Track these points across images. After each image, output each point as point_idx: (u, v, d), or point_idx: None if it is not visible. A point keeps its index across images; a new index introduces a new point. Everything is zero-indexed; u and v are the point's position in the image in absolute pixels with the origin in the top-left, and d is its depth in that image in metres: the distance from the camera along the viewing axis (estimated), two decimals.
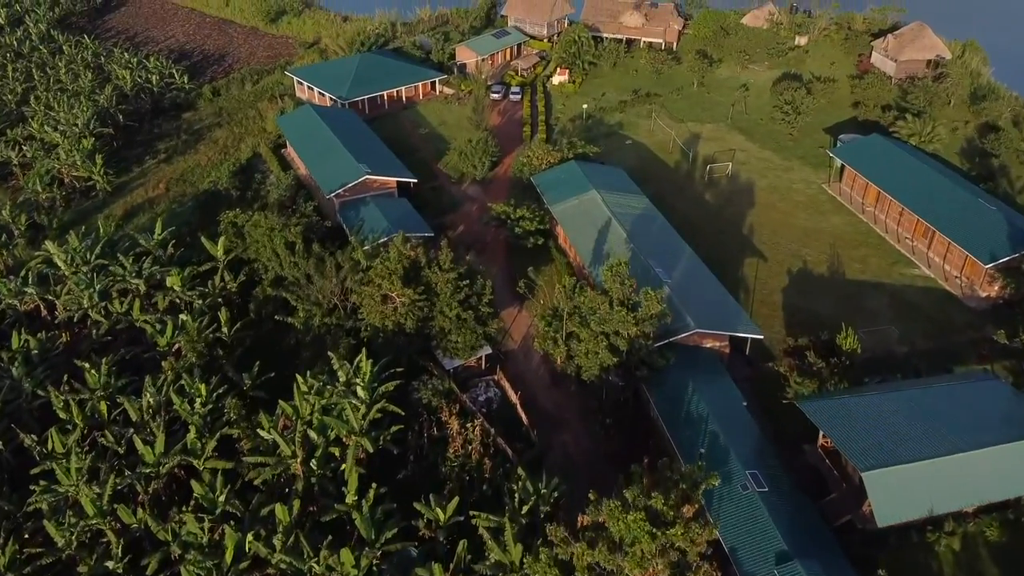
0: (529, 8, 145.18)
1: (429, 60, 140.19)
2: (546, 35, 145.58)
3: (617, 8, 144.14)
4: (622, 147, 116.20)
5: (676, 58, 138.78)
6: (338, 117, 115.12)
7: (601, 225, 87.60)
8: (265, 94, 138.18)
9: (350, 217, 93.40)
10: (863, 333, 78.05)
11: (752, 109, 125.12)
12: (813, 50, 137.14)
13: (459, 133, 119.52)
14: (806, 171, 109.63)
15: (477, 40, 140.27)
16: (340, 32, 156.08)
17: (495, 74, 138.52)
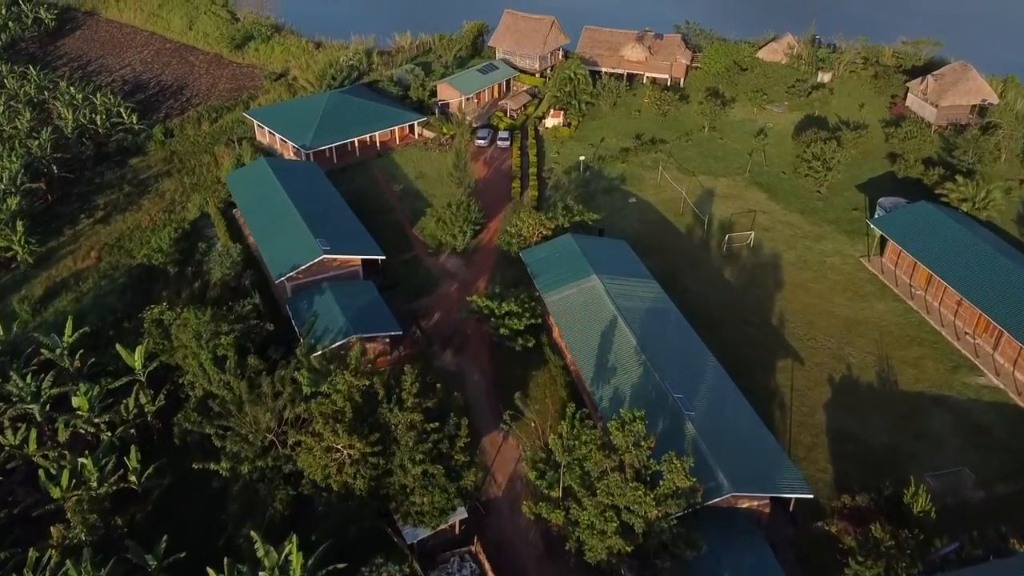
0: (519, 39, 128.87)
1: (407, 97, 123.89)
2: (538, 69, 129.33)
3: (617, 40, 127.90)
4: (625, 207, 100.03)
5: (683, 96, 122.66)
6: (297, 174, 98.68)
7: (605, 325, 71.36)
8: (223, 136, 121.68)
9: (301, 309, 77.03)
10: (930, 479, 62.37)
11: (772, 159, 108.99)
12: (838, 89, 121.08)
13: (439, 188, 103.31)
14: (840, 240, 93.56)
15: (461, 76, 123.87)
16: (310, 63, 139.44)
17: (481, 115, 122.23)
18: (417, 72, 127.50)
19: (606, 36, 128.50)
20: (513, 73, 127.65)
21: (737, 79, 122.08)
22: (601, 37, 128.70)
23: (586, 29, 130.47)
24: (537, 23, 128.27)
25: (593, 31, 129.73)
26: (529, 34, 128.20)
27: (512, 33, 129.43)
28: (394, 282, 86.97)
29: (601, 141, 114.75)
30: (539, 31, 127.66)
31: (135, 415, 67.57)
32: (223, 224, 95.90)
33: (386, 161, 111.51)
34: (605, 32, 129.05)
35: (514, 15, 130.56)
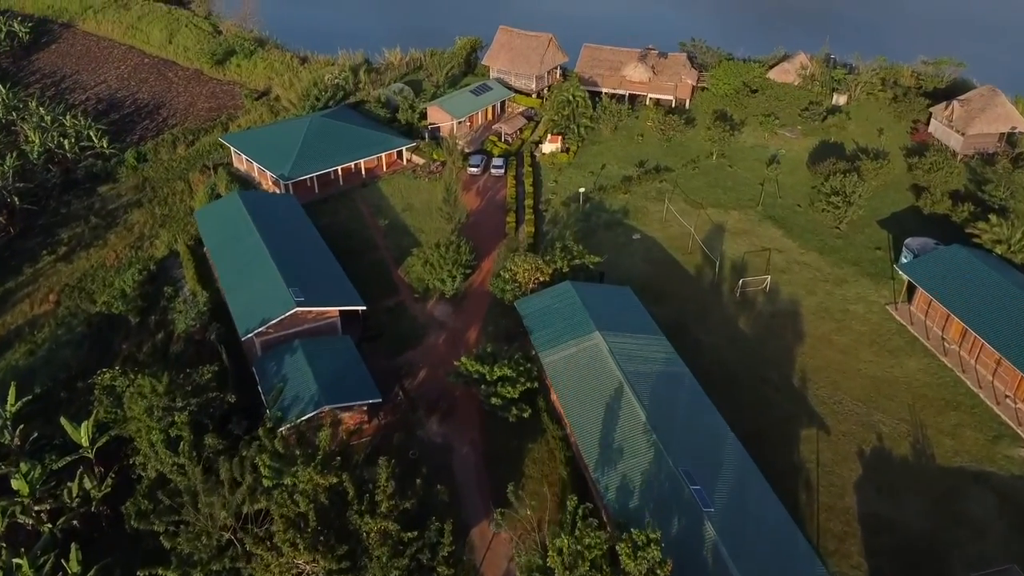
0: (514, 58, 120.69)
1: (396, 120, 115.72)
2: (535, 89, 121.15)
3: (618, 59, 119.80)
4: (628, 244, 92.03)
5: (689, 119, 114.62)
6: (273, 209, 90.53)
7: (609, 394, 63.32)
8: (199, 160, 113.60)
9: (269, 372, 68.97)
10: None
11: (786, 190, 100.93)
12: (855, 113, 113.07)
13: (428, 222, 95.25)
14: (863, 284, 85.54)
15: (452, 98, 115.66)
16: (294, 80, 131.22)
17: (474, 139, 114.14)
18: (406, 92, 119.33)
19: (607, 55, 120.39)
20: (508, 94, 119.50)
21: (747, 101, 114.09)
22: (601, 56, 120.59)
23: (585, 47, 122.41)
24: (534, 41, 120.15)
25: (593, 49, 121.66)
26: (525, 52, 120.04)
27: (507, 51, 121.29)
28: (376, 333, 78.94)
29: (602, 168, 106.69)
30: (536, 49, 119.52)
31: (79, 502, 59.51)
32: (192, 265, 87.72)
33: (371, 191, 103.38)
34: (606, 51, 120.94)
35: (509, 32, 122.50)
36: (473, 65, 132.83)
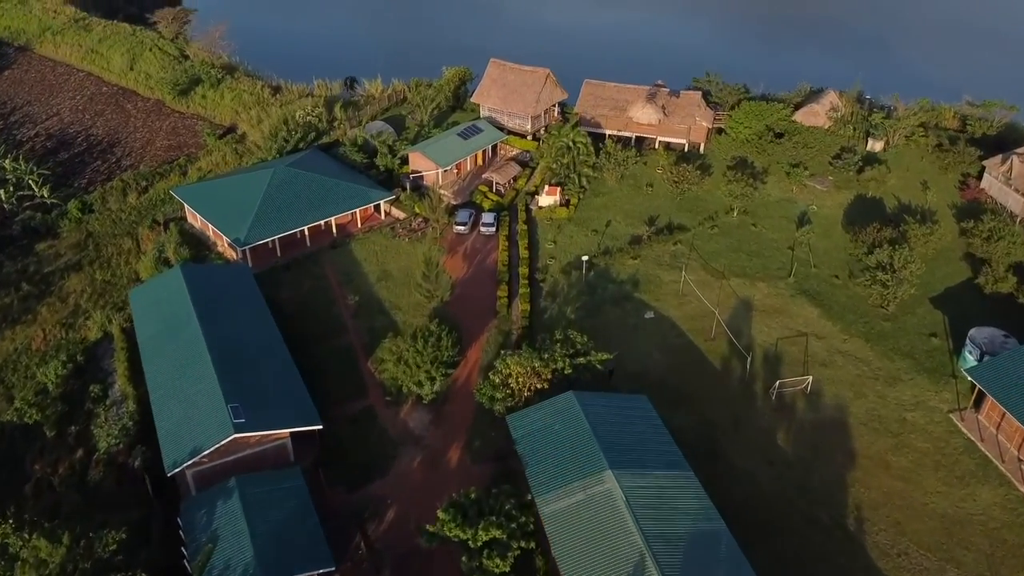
0: (507, 95, 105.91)
1: (374, 165, 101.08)
2: (530, 131, 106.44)
3: (623, 97, 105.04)
4: (640, 325, 77.58)
5: (704, 166, 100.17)
6: (222, 289, 75.74)
7: (626, 566, 48.92)
8: (152, 212, 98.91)
9: (197, 524, 54.37)
10: None
11: (820, 256, 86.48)
12: (894, 161, 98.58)
13: (406, 296, 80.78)
14: (920, 383, 71.08)
15: (437, 143, 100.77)
16: (263, 116, 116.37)
17: (461, 188, 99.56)
18: (386, 135, 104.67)
19: (611, 92, 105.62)
20: (500, 136, 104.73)
21: (771, 148, 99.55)
22: (604, 94, 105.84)
23: (587, 84, 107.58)
24: (529, 76, 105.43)
25: (595, 86, 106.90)
26: (519, 89, 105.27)
27: (499, 88, 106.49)
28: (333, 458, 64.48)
29: (607, 226, 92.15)
30: (531, 86, 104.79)
31: None
32: (124, 357, 73.02)
33: (343, 253, 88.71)
34: (609, 87, 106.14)
35: (501, 66, 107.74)
36: (462, 99, 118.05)
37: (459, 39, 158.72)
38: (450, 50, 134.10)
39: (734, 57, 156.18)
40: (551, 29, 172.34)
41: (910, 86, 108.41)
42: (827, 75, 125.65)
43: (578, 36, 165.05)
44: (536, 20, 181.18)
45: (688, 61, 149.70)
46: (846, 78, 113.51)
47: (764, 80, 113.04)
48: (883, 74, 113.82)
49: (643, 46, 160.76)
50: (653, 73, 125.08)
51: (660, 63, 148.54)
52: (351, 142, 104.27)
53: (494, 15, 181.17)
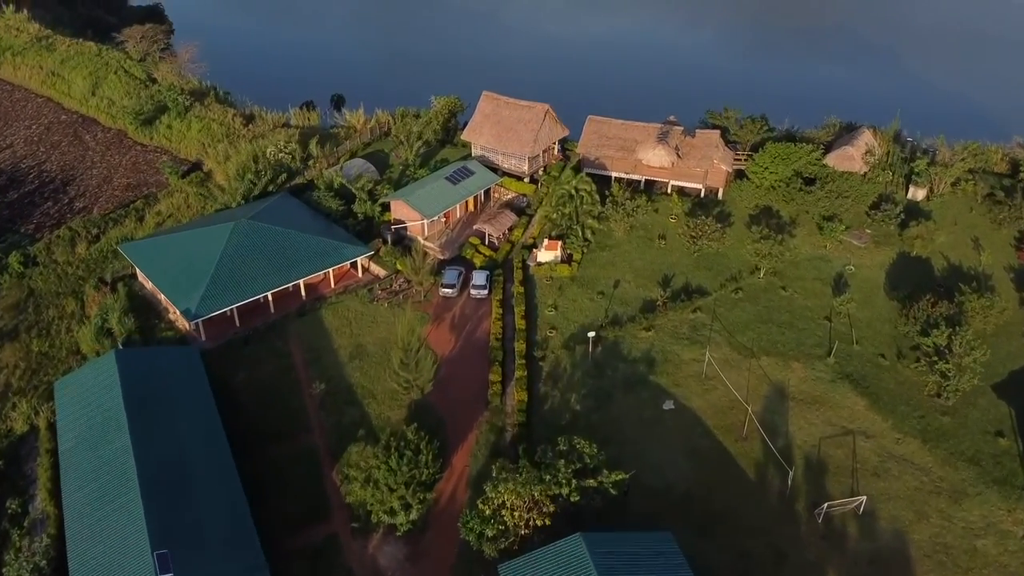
0: (502, 133, 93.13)
1: (351, 213, 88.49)
2: (527, 172, 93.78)
3: (631, 136, 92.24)
4: (659, 419, 65.02)
5: (724, 214, 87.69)
6: (164, 382, 63.08)
7: None
8: (100, 267, 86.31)
9: None
10: None
11: (862, 328, 73.85)
12: (939, 213, 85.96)
13: (381, 380, 68.13)
14: (989, 498, 58.48)
15: (423, 188, 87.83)
16: (231, 151, 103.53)
17: (450, 241, 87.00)
18: (367, 176, 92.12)
19: (617, 131, 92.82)
20: (494, 180, 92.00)
21: (800, 197, 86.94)
22: (610, 132, 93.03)
23: (590, 120, 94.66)
24: (526, 112, 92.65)
25: (599, 123, 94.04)
26: (515, 127, 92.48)
27: (493, 124, 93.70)
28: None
29: (615, 287, 79.58)
30: (528, 123, 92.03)
31: None
32: (49, 464, 60.39)
33: (311, 323, 76.00)
34: (615, 125, 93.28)
35: (495, 100, 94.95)
36: (452, 133, 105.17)
37: (450, 56, 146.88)
38: (440, 70, 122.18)
39: (749, 73, 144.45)
40: (550, 45, 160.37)
41: (942, 106, 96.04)
42: (853, 96, 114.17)
43: (577, 50, 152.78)
44: (533, 34, 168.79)
45: (698, 78, 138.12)
46: (874, 100, 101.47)
47: (785, 105, 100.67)
48: (925, 117, 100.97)
49: (649, 63, 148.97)
50: (660, 96, 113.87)
51: (668, 83, 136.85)
52: (326, 185, 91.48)
53: (488, 24, 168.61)
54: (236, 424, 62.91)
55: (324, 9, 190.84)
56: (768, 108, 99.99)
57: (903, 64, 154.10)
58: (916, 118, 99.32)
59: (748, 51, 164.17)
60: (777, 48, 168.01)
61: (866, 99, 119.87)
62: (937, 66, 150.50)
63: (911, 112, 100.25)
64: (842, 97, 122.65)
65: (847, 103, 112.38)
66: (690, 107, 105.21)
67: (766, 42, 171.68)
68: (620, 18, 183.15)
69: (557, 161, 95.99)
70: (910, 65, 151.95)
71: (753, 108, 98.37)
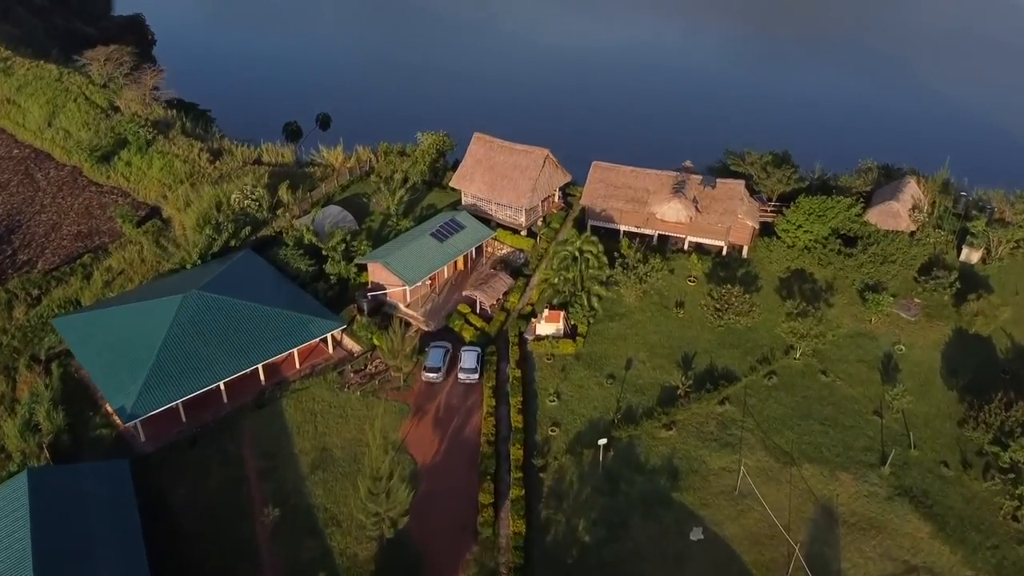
0: (495, 181, 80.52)
1: (322, 274, 76.02)
2: (524, 224, 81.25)
3: (643, 185, 79.48)
4: (686, 553, 52.58)
5: (750, 277, 75.34)
6: (84, 507, 50.60)
7: None
8: (36, 339, 73.71)
9: None
10: None
11: (919, 426, 61.41)
12: (999, 280, 73.59)
13: (348, 500, 55.61)
14: None
15: (405, 248, 74.93)
16: (192, 196, 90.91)
17: (435, 308, 74.50)
18: (341, 228, 79.69)
19: (626, 178, 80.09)
20: (486, 235, 79.41)
21: (838, 261, 74.37)
22: (618, 180, 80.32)
23: (595, 167, 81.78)
24: (523, 158, 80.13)
25: (605, 170, 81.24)
26: (510, 173, 79.94)
27: (485, 171, 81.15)
28: None
29: (627, 369, 67.16)
30: (526, 170, 79.49)
31: None
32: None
33: (270, 417, 63.31)
34: (624, 173, 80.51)
35: (488, 143, 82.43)
36: (440, 174, 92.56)
37: (442, 74, 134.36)
38: (432, 87, 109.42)
39: (761, 87, 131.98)
40: (548, 59, 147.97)
41: (986, 138, 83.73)
42: (886, 121, 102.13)
43: (577, 65, 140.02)
44: (530, 48, 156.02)
45: (707, 92, 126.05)
46: (910, 127, 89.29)
47: (821, 156, 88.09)
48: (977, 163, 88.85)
49: (653, 78, 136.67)
50: (668, 119, 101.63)
51: (675, 102, 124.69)
52: (295, 241, 78.92)
53: (482, 38, 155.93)
54: (169, 561, 50.60)
55: (315, 18, 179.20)
56: (789, 132, 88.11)
57: (945, 89, 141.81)
58: (961, 154, 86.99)
59: (759, 63, 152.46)
60: (792, 61, 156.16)
61: (901, 125, 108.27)
62: (979, 90, 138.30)
63: (950, 143, 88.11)
64: (872, 123, 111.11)
65: (877, 129, 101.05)
66: (701, 129, 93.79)
67: (778, 54, 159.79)
68: (621, 30, 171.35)
69: (558, 211, 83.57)
70: (954, 93, 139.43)
71: (771, 132, 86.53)
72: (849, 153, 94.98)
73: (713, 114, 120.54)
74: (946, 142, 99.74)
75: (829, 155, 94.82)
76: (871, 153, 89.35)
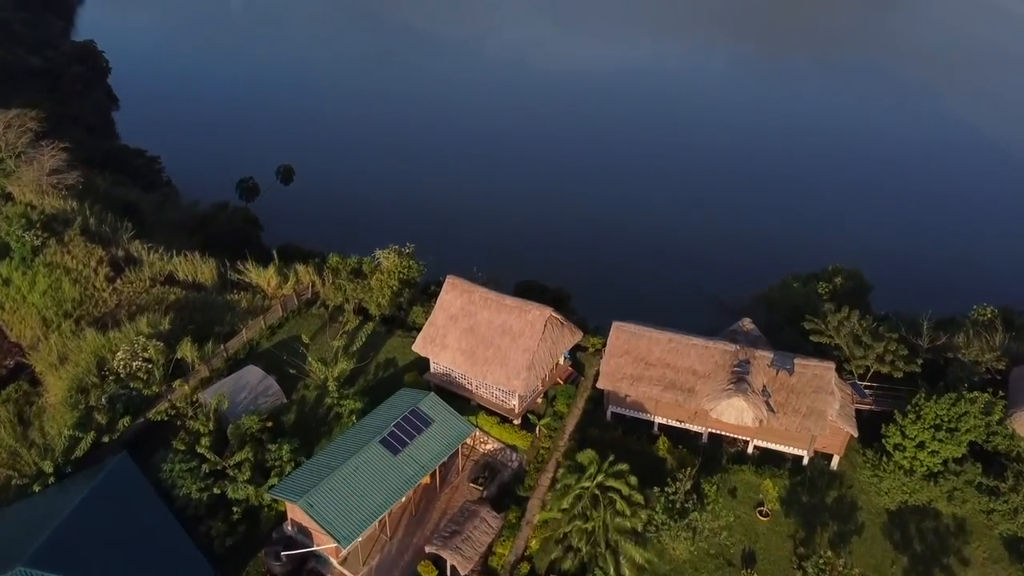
0: (477, 349, 53.66)
1: (229, 508, 49.71)
2: (517, 411, 54.75)
3: (686, 364, 52.06)
4: None
5: (846, 504, 49.36)
6: None
7: None
8: None
9: None
10: None
11: None
12: None
13: None
14: None
15: (337, 478, 47.38)
16: (69, 348, 64.35)
17: (386, 566, 48.26)
18: (265, 400, 53.77)
19: (661, 351, 52.90)
20: (464, 434, 52.77)
21: (975, 497, 48.31)
22: (650, 352, 53.03)
23: (616, 330, 54.22)
24: (516, 318, 53.62)
25: (632, 336, 53.85)
26: (497, 340, 53.50)
27: (463, 334, 54.62)
28: None
29: None
30: (520, 337, 53.02)
31: None
32: None
33: None
34: (658, 341, 53.04)
35: (467, 291, 55.89)
36: (406, 308, 66.13)
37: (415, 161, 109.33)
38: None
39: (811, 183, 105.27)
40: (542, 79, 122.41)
41: None
42: None
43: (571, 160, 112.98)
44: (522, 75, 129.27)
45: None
46: None
47: (923, 297, 62.26)
48: None
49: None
50: (694, 240, 77.30)
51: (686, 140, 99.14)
52: (189, 441, 52.48)
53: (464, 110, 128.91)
54: None
55: (286, 50, 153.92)
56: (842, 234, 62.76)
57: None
58: None
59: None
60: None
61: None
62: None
63: None
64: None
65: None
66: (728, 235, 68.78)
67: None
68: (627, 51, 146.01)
69: (565, 380, 57.30)
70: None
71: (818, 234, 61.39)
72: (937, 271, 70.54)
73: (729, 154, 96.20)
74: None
75: (908, 274, 70.45)
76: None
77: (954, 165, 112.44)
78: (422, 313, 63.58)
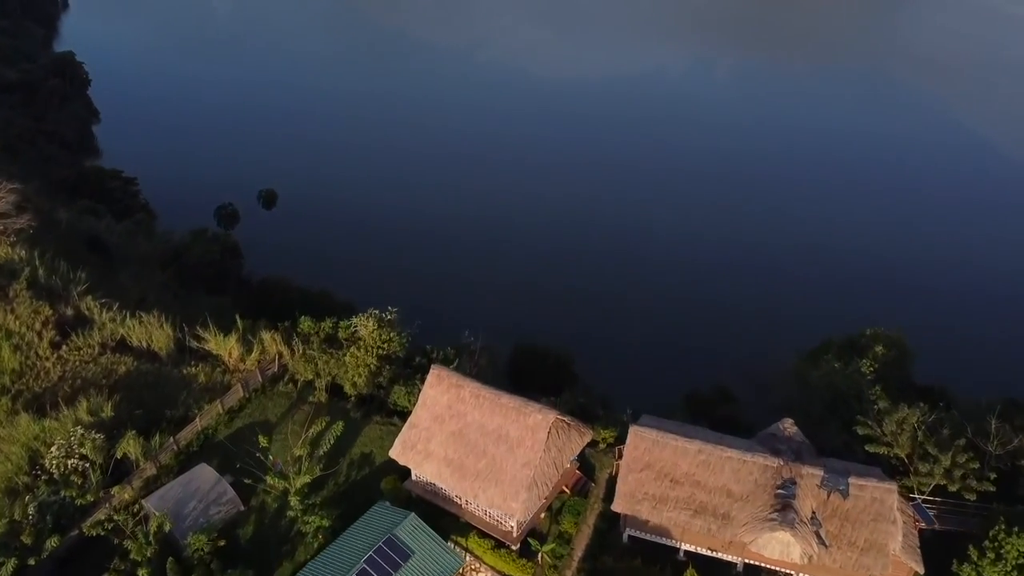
0: (466, 460, 43.87)
1: None
2: (515, 535, 45.35)
3: (718, 481, 42.23)
4: None
5: None
6: None
7: None
8: None
9: None
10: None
11: None
12: None
13: None
14: None
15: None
16: (8, 435, 54.60)
17: None
18: (219, 509, 44.55)
19: (688, 463, 43.00)
20: (452, 566, 43.44)
21: None
22: (675, 466, 43.13)
23: (635, 436, 44.07)
24: (515, 422, 44.03)
25: (652, 442, 43.75)
26: (492, 449, 44.01)
27: (450, 439, 45.12)
28: None
29: None
30: (519, 447, 43.47)
31: None
32: None
33: None
34: (685, 452, 42.93)
35: (456, 386, 46.16)
36: (387, 389, 56.51)
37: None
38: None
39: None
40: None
41: None
42: None
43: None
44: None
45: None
46: None
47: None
48: None
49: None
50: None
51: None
52: (128, 569, 43.03)
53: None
54: None
55: (276, 64, 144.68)
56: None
57: None
58: None
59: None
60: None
61: None
62: None
63: None
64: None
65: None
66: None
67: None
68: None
69: (573, 489, 47.83)
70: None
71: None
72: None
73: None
74: None
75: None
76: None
77: (990, 197, 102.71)
78: (403, 394, 54.43)
